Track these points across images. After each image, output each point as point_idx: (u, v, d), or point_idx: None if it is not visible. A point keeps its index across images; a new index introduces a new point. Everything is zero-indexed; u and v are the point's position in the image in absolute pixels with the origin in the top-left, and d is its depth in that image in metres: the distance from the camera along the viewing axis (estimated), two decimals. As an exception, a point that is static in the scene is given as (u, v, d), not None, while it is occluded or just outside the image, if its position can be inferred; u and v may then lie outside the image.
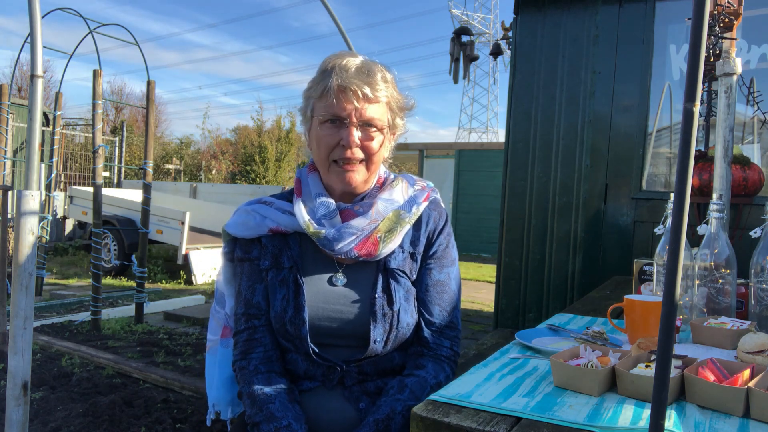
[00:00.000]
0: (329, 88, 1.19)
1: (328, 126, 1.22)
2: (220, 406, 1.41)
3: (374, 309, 1.22)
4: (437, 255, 1.31)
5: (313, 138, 1.26)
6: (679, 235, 0.59)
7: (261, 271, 1.28)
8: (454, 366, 1.29)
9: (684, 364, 1.00)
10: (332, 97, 1.19)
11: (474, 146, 13.41)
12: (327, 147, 1.22)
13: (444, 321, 1.29)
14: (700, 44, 0.57)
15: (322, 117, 1.22)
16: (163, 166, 20.41)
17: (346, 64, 1.21)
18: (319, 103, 1.23)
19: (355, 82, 1.19)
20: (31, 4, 2.02)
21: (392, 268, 1.26)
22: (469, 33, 6.16)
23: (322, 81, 1.21)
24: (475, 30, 8.27)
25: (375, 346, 1.22)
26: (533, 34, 3.88)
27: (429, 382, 1.21)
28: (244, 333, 1.27)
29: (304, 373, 1.25)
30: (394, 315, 1.23)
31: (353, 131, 1.20)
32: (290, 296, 1.23)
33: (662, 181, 3.83)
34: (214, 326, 1.43)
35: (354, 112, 1.20)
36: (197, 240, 7.78)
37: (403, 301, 1.25)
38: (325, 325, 1.23)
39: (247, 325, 1.27)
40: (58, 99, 5.85)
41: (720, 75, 2.14)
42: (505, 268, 3.96)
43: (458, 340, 1.32)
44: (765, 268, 1.35)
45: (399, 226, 1.26)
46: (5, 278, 3.63)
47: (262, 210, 1.29)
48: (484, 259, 11.94)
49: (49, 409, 2.86)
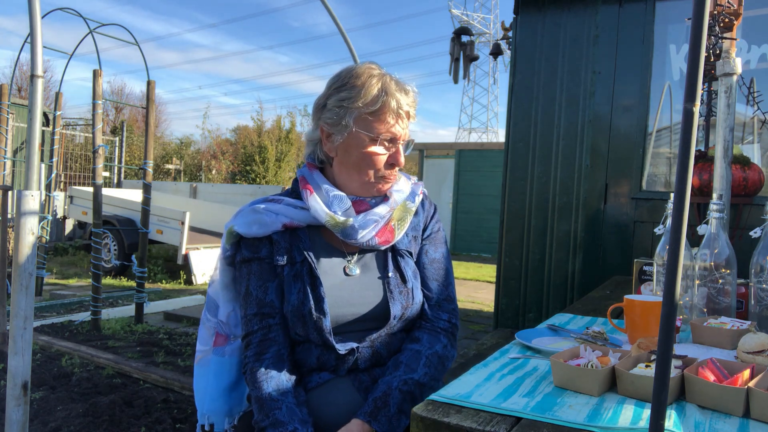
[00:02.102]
0: (389, 108, 1.26)
1: (384, 145, 1.28)
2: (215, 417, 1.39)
3: (390, 287, 1.29)
4: (431, 237, 1.42)
5: (354, 149, 1.28)
6: (679, 235, 0.59)
7: (274, 268, 1.28)
8: (452, 338, 1.36)
9: (684, 364, 1.00)
10: (392, 119, 1.27)
11: (474, 146, 13.41)
12: (379, 164, 1.29)
13: (441, 295, 1.38)
14: (700, 44, 0.57)
15: (380, 136, 1.27)
16: (163, 166, 20.42)
17: (401, 88, 1.28)
18: (371, 118, 1.26)
19: (406, 106, 1.28)
20: (31, 4, 2.02)
21: (399, 249, 1.34)
22: (469, 33, 6.17)
23: (378, 98, 1.25)
24: (475, 30, 8.27)
25: (393, 322, 1.27)
26: (533, 34, 3.88)
27: (423, 353, 1.27)
28: (257, 333, 1.27)
29: (317, 359, 1.26)
30: (409, 292, 1.31)
31: (401, 150, 1.30)
32: (307, 289, 1.25)
33: (662, 181, 3.83)
34: (205, 336, 1.41)
35: (404, 134, 1.30)
36: (197, 240, 7.78)
37: (414, 279, 1.34)
38: (347, 313, 1.27)
39: (261, 325, 1.27)
40: (58, 99, 5.85)
41: (720, 75, 2.14)
42: (505, 268, 3.96)
43: (456, 313, 1.40)
44: (765, 268, 1.35)
45: (408, 215, 1.36)
46: (5, 278, 3.63)
47: (273, 207, 1.30)
48: (484, 259, 11.94)
49: (49, 409, 2.86)
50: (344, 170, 1.32)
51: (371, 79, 1.26)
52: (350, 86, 1.26)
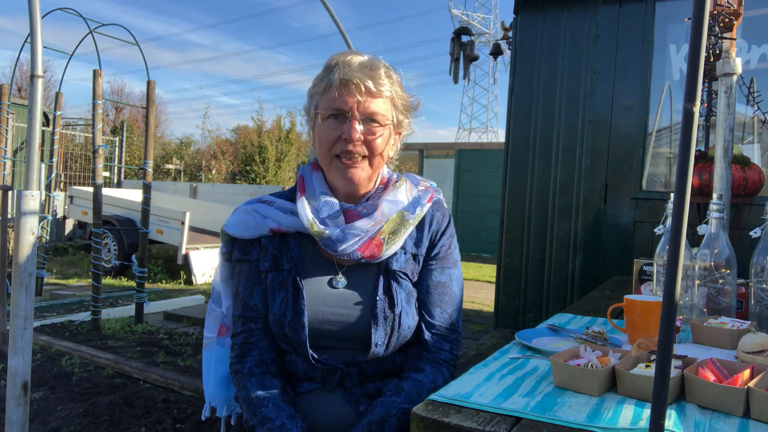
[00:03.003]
0: (332, 82, 1.18)
1: (330, 121, 1.20)
2: (216, 402, 1.40)
3: (375, 311, 1.21)
4: (439, 256, 1.30)
5: (316, 135, 1.24)
6: (679, 235, 0.59)
7: (260, 273, 1.26)
8: (453, 370, 1.28)
9: (684, 364, 1.00)
10: (334, 91, 1.18)
11: (474, 146, 13.41)
12: (329, 141, 1.20)
13: (444, 323, 1.27)
14: (700, 44, 0.57)
15: (325, 112, 1.21)
16: (163, 166, 20.41)
17: (349, 60, 1.20)
18: (322, 98, 1.22)
19: (358, 76, 1.18)
20: (31, 4, 2.02)
21: (394, 270, 1.24)
22: (469, 33, 6.16)
23: (326, 77, 1.21)
24: (475, 30, 8.27)
25: (376, 350, 1.21)
26: (533, 34, 3.88)
27: (426, 387, 1.20)
28: (240, 336, 1.26)
29: (303, 374, 1.24)
30: (396, 318, 1.21)
31: (355, 125, 1.18)
32: (289, 299, 1.21)
33: (662, 181, 3.83)
34: (211, 324, 1.42)
35: (356, 105, 1.18)
36: (197, 240, 7.78)
37: (405, 304, 1.23)
38: (325, 329, 1.22)
39: (243, 328, 1.26)
40: (58, 99, 5.85)
41: (720, 75, 2.14)
42: (505, 268, 3.96)
43: (458, 343, 1.30)
44: (765, 268, 1.35)
45: (403, 228, 1.24)
46: (5, 278, 3.63)
47: (262, 209, 1.27)
48: (484, 259, 11.94)
49: (49, 409, 2.86)
50: (320, 162, 1.28)
51: (329, 61, 1.23)
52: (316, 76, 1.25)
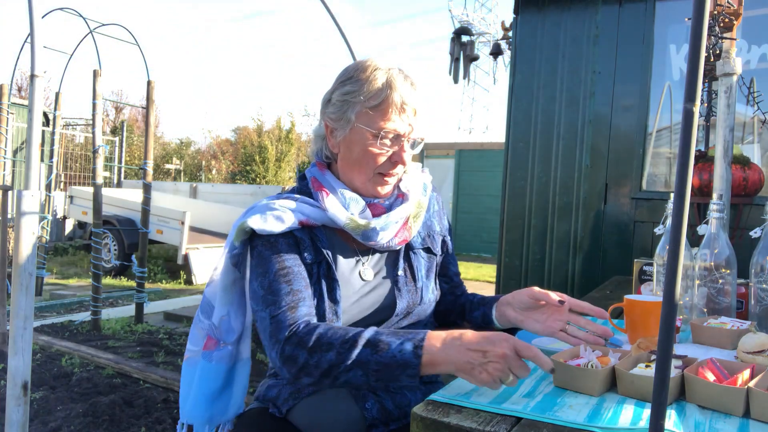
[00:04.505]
0: (392, 103, 1.20)
1: (384, 141, 1.22)
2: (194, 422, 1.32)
3: (399, 285, 1.29)
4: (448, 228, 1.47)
5: (356, 145, 1.23)
6: (679, 235, 0.59)
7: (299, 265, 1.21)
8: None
9: (684, 364, 1.00)
10: (395, 114, 1.21)
11: (474, 146, 13.40)
12: (380, 162, 1.24)
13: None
14: (700, 44, 0.57)
15: (382, 132, 1.21)
16: (163, 166, 20.42)
17: (404, 80, 1.23)
18: (373, 113, 1.21)
19: (414, 101, 1.23)
20: (31, 4, 2.02)
21: (414, 247, 1.34)
22: (469, 33, 6.17)
23: (381, 93, 1.20)
24: (475, 30, 8.26)
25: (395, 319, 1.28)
26: (533, 34, 3.88)
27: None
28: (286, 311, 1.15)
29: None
30: (417, 291, 1.31)
31: (407, 149, 1.25)
32: (323, 290, 1.21)
33: (662, 181, 3.82)
34: (196, 336, 1.35)
35: (411, 131, 1.24)
36: (197, 240, 7.78)
37: (425, 279, 1.34)
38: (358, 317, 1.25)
39: (289, 303, 1.15)
40: (58, 99, 5.85)
41: (720, 75, 2.14)
42: (505, 268, 3.96)
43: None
44: (765, 268, 1.35)
45: (422, 210, 1.35)
46: (5, 278, 3.63)
47: (289, 204, 1.25)
48: (484, 259, 11.94)
49: (49, 409, 2.86)
50: (347, 167, 1.28)
51: (376, 72, 1.21)
52: (355, 80, 1.22)
